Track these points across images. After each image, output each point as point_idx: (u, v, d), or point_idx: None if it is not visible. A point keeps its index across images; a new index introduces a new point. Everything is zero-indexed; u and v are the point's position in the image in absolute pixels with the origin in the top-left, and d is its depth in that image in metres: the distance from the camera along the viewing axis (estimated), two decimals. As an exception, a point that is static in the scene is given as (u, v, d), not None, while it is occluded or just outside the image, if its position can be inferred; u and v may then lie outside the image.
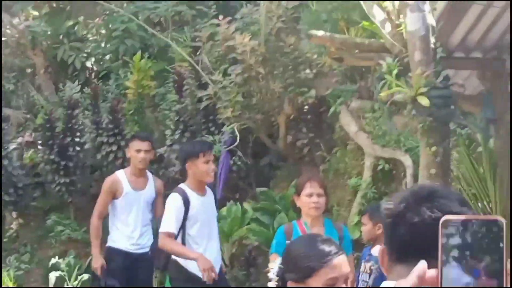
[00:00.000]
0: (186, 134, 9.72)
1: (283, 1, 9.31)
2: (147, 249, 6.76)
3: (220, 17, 9.30)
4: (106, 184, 6.76)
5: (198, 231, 5.83)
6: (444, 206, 2.16)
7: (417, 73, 3.91)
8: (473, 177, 4.67)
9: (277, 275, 2.79)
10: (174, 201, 5.92)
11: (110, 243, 6.78)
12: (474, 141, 6.66)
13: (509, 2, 4.14)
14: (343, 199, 8.90)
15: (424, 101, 3.85)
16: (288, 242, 5.37)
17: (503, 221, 1.20)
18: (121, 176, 6.79)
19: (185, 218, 5.88)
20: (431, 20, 4.07)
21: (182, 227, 5.89)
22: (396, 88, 3.95)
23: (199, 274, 5.43)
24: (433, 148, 3.97)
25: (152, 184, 6.87)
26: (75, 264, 9.17)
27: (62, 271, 8.67)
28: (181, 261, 5.69)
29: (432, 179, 3.99)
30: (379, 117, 9.02)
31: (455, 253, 1.29)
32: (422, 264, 1.61)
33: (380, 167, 8.55)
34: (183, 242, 5.79)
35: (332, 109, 9.36)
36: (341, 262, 2.95)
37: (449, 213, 2.15)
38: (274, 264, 2.88)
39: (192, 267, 5.60)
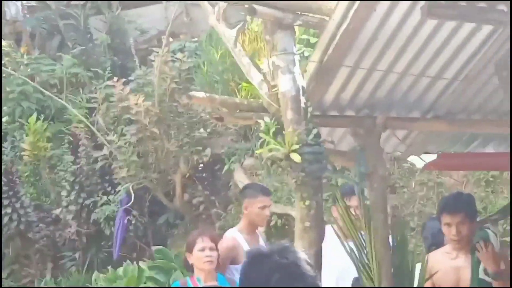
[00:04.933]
0: (82, 195, 9.73)
1: (176, 63, 9.56)
2: None
3: (115, 78, 9.43)
4: (224, 250, 5.72)
5: None
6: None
7: (289, 131, 4.14)
8: (350, 228, 4.90)
9: None
10: None
11: None
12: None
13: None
14: (239, 255, 9.05)
15: (296, 157, 4.07)
16: None
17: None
18: (239, 238, 5.88)
19: None
20: (301, 81, 4.33)
21: None
22: (271, 146, 4.17)
23: None
24: (307, 202, 4.19)
25: (261, 240, 6.09)
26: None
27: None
28: None
29: (307, 232, 4.21)
30: (272, 174, 9.29)
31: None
32: None
33: (273, 223, 8.79)
34: None
35: (226, 167, 9.61)
36: None
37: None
38: None
39: None
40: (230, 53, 9.09)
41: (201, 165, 9.80)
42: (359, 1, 3.94)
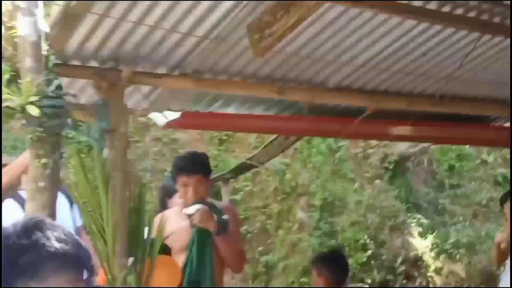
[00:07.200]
0: None
1: None
2: None
3: None
4: None
5: None
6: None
7: (27, 81, 3.71)
8: (85, 187, 4.59)
9: None
10: None
11: None
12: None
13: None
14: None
15: (33, 110, 3.67)
16: None
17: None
18: None
19: None
20: (44, 26, 3.90)
21: None
22: (5, 95, 3.72)
23: None
24: (43, 160, 3.79)
25: None
26: None
27: None
28: None
29: (41, 193, 3.82)
30: None
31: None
32: None
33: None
34: None
35: None
36: None
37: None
38: None
39: None
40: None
41: None
42: None
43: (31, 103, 3.70)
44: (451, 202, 9.04)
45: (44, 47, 3.86)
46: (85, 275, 2.14)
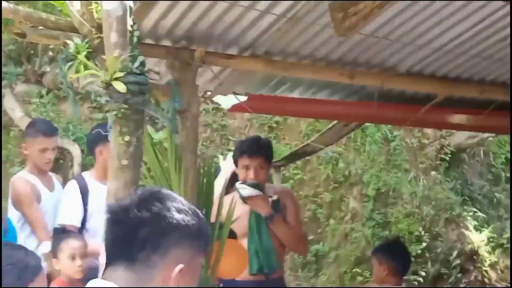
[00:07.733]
0: None
1: None
2: None
3: None
4: (19, 193, 5.34)
5: None
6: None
7: (114, 56, 3.62)
8: (156, 167, 4.52)
9: None
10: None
11: None
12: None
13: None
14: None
15: (120, 86, 3.58)
16: None
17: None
18: (30, 177, 5.42)
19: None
20: (129, 1, 3.81)
21: None
22: (89, 71, 3.63)
23: None
24: (126, 138, 3.71)
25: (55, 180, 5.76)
26: None
27: None
28: None
29: (123, 171, 3.74)
30: (47, 103, 8.66)
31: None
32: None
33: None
34: None
35: (-6, 93, 8.71)
36: None
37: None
38: None
39: None
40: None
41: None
42: None
43: (116, 79, 3.61)
44: (507, 196, 8.86)
45: (130, 22, 3.77)
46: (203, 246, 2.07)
